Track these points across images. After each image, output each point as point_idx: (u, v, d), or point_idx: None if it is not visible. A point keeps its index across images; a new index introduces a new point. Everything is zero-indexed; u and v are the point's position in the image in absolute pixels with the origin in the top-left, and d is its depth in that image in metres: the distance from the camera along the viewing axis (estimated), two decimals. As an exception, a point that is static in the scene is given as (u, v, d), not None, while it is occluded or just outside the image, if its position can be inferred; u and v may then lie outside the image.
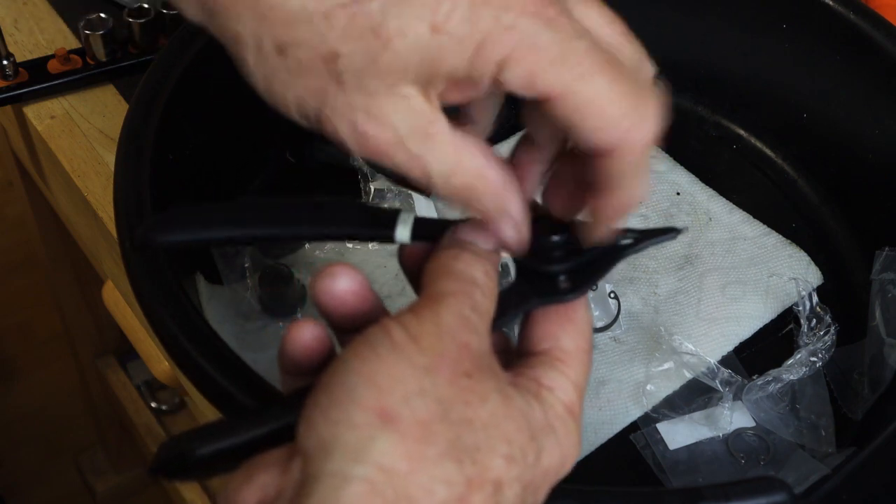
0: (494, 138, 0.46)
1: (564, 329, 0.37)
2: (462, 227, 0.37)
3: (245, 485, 0.31)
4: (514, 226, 0.36)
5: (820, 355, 0.60)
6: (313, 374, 0.34)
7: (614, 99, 0.33)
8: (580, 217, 0.39)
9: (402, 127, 0.33)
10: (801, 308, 0.63)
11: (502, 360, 0.35)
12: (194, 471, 0.34)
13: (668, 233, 0.39)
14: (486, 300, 0.35)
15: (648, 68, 0.36)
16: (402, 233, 0.38)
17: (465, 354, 0.32)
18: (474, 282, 0.34)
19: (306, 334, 0.35)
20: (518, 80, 0.33)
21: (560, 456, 0.34)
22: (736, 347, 0.65)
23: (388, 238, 0.38)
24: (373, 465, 0.29)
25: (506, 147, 0.56)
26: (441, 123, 0.34)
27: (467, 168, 0.35)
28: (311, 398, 0.31)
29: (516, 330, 0.39)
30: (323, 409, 0.30)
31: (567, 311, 0.37)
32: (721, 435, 0.60)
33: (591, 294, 0.65)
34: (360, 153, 0.34)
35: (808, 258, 0.70)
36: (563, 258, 0.38)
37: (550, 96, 0.33)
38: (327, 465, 0.29)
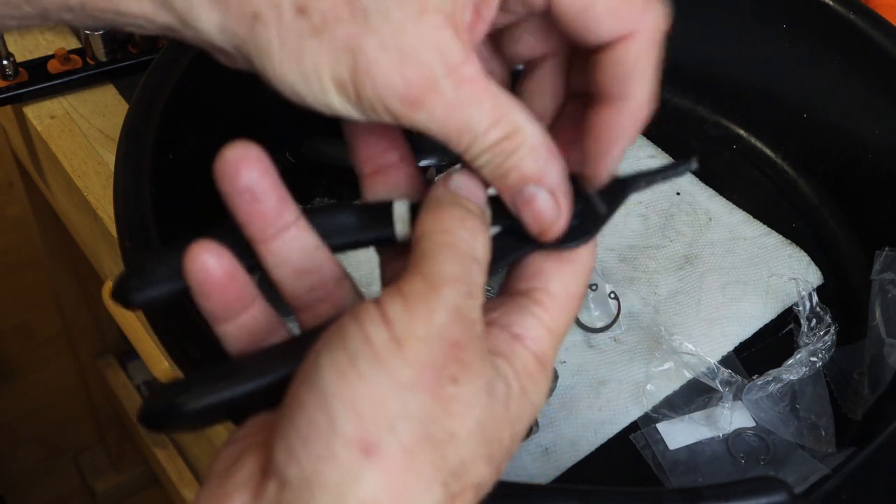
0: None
1: (560, 269, 0.35)
2: (458, 176, 0.35)
3: None
4: (553, 196, 0.34)
5: (820, 355, 0.60)
6: (241, 312, 0.33)
7: None
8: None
9: (436, 64, 0.32)
10: (801, 308, 0.63)
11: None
12: (183, 423, 0.33)
13: (678, 167, 0.37)
14: (482, 276, 0.33)
15: None
16: (402, 228, 0.35)
17: (453, 356, 0.30)
18: (474, 257, 0.32)
19: (210, 262, 0.33)
20: None
21: (530, 412, 0.33)
22: (736, 347, 0.65)
23: (387, 239, 0.36)
24: (356, 503, 0.28)
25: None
26: (474, 66, 0.33)
27: (509, 120, 0.33)
28: (287, 415, 0.30)
29: None
30: (303, 437, 0.29)
31: (570, 252, 0.36)
32: (721, 435, 0.60)
33: (591, 294, 0.65)
34: (403, 111, 0.33)
35: (808, 258, 0.70)
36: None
37: None
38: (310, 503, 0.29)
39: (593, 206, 0.36)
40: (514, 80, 0.39)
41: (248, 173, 0.33)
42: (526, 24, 0.38)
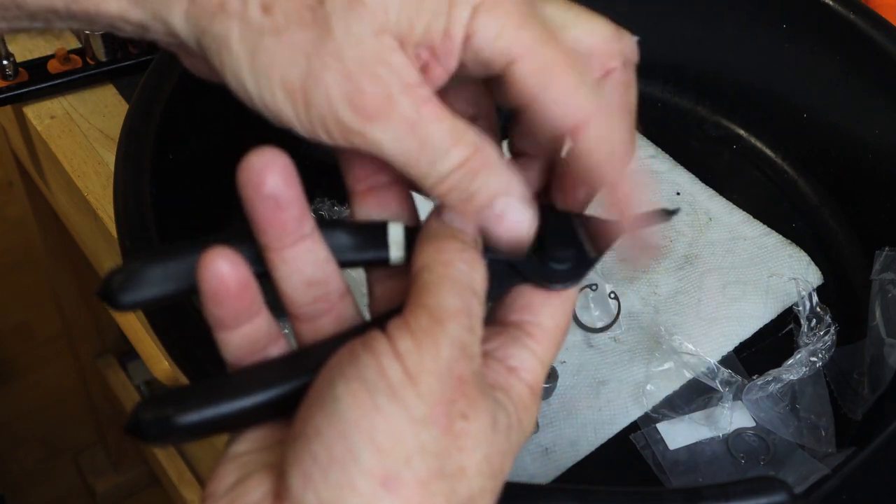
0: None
1: (549, 303, 0.36)
2: (449, 211, 0.35)
3: None
4: (523, 205, 0.34)
5: (820, 355, 0.60)
6: (247, 321, 0.33)
7: (576, 71, 0.34)
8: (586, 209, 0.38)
9: (392, 79, 0.32)
10: (801, 308, 0.63)
11: None
12: (175, 437, 0.32)
13: (665, 214, 0.38)
14: (480, 310, 0.33)
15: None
16: (397, 252, 0.35)
17: (461, 392, 0.31)
18: (474, 291, 0.33)
19: (225, 269, 0.32)
20: (487, 32, 0.33)
21: (524, 440, 0.34)
22: (736, 347, 0.65)
23: (380, 261, 0.36)
24: None
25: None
26: (429, 90, 0.33)
27: (469, 140, 0.34)
28: (302, 441, 0.30)
29: None
30: (322, 466, 0.29)
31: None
32: (721, 435, 0.60)
33: (591, 294, 0.65)
34: (356, 124, 0.33)
35: (808, 258, 0.70)
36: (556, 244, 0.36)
37: (516, 55, 0.33)
38: None
39: (583, 250, 0.37)
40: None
41: (274, 180, 0.32)
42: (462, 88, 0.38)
